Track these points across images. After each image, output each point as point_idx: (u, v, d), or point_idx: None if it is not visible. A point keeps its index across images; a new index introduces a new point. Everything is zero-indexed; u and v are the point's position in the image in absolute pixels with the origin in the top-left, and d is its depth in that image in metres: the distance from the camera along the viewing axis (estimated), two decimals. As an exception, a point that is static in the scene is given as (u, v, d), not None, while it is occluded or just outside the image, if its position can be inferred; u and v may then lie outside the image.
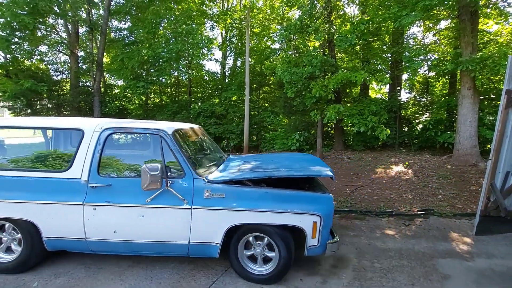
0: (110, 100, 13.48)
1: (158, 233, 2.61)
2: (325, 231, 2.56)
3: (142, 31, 12.15)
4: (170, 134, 2.72)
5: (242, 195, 2.58)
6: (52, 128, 3.12)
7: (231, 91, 13.40)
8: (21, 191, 2.63)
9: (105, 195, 2.60)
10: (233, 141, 12.23)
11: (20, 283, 2.46)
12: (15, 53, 10.50)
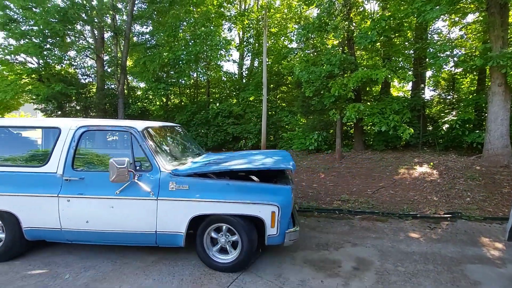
0: (133, 101, 14.01)
1: (127, 223, 2.77)
2: (284, 221, 2.65)
3: (162, 35, 12.52)
4: (140, 131, 2.90)
5: (204, 187, 2.73)
6: (32, 127, 3.34)
7: (248, 91, 13.47)
8: (2, 184, 2.85)
9: (78, 187, 2.79)
10: (250, 141, 12.30)
11: (54, 274, 2.62)
12: (47, 58, 11.20)
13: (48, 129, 3.13)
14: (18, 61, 11.28)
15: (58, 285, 2.44)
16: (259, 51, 15.19)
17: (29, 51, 10.02)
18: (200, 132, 13.10)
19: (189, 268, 2.77)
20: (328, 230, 3.77)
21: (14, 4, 10.07)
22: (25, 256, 2.94)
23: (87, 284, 2.47)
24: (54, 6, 10.09)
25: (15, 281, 2.47)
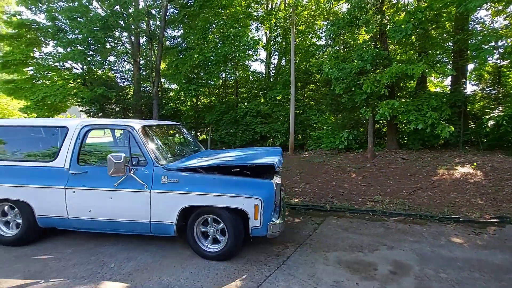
0: (166, 102, 14.69)
1: (124, 213, 3.03)
2: (267, 214, 2.80)
3: (193, 37, 12.95)
4: (137, 129, 3.16)
5: (193, 181, 2.94)
6: (45, 126, 3.66)
7: (276, 90, 13.46)
8: (19, 177, 3.22)
9: (82, 180, 3.11)
10: (278, 140, 12.29)
11: (101, 263, 2.86)
12: (90, 64, 12.15)
13: (58, 128, 3.45)
14: (65, 67, 12.38)
15: (105, 273, 2.66)
16: (286, 50, 15.09)
17: (75, 58, 10.96)
18: (229, 132, 13.36)
19: (224, 263, 2.86)
20: (362, 232, 3.68)
21: (62, 15, 11.05)
22: (73, 246, 3.24)
23: (130, 273, 2.66)
24: (96, 15, 10.91)
25: (68, 268, 2.74)
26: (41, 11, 11.72)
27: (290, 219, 4.17)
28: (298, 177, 6.70)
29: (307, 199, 4.98)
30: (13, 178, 3.22)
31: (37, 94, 11.29)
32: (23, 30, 11.44)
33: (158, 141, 3.57)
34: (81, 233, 3.42)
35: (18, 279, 2.52)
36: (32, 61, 11.89)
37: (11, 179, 3.21)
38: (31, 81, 12.17)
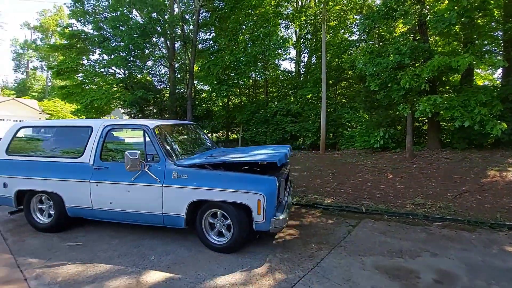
0: (199, 103, 15.25)
1: (140, 205, 3.27)
2: (269, 209, 2.88)
3: (224, 39, 13.25)
4: (151, 128, 3.40)
5: (200, 177, 3.10)
6: (74, 126, 4.03)
7: (306, 88, 13.26)
8: (53, 171, 3.57)
9: (104, 175, 3.39)
10: (309, 139, 12.10)
11: (142, 255, 3.05)
12: (131, 69, 13.05)
13: (84, 127, 3.78)
14: (109, 73, 13.45)
15: (146, 264, 2.84)
16: (317, 47, 14.78)
17: (118, 63, 11.85)
18: (259, 131, 13.45)
19: (257, 261, 2.90)
20: (401, 236, 3.48)
21: (107, 25, 12.00)
22: (118, 238, 3.50)
23: (169, 266, 2.81)
24: (136, 23, 11.68)
25: (114, 258, 2.97)
26: (88, 22, 12.87)
27: (323, 220, 4.09)
28: (331, 177, 6.54)
29: (341, 200, 4.84)
30: (48, 172, 3.59)
31: (86, 98, 12.43)
32: (74, 40, 12.65)
33: (171, 139, 3.80)
34: (124, 226, 3.70)
35: (72, 266, 2.80)
36: (81, 68, 13.13)
37: (46, 173, 3.59)
38: (81, 86, 13.44)
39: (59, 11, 47.44)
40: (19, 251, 3.10)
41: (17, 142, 3.99)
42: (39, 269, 2.70)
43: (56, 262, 2.85)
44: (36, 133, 4.26)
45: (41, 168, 3.65)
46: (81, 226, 3.80)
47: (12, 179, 3.73)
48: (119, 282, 2.48)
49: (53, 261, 2.87)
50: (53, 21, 46.11)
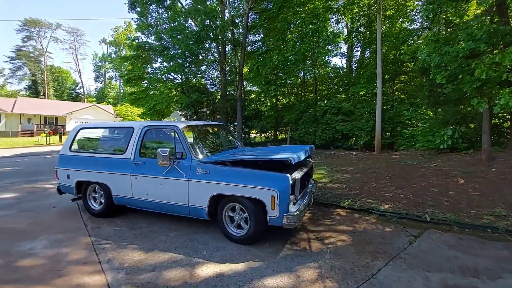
0: (248, 104, 15.62)
1: (170, 197, 3.66)
2: (283, 205, 3.00)
3: (272, 39, 13.31)
4: (180, 128, 3.74)
5: (220, 172, 3.37)
6: (120, 127, 4.81)
7: (359, 85, 12.47)
8: (103, 165, 4.17)
9: (141, 169, 3.88)
10: (362, 139, 11.36)
11: (195, 249, 3.22)
12: (187, 74, 14.07)
13: (128, 128, 4.35)
14: (169, 79, 14.72)
15: (199, 258, 2.99)
16: (371, 40, 13.78)
17: (176, 70, 12.90)
18: (308, 131, 13.15)
19: (306, 266, 2.81)
20: (477, 252, 3.00)
21: (166, 35, 13.15)
22: (175, 231, 3.76)
23: (220, 262, 2.91)
24: (191, 31, 12.53)
25: (171, 250, 3.20)
26: (151, 34, 14.29)
27: (379, 227, 3.77)
28: (387, 180, 6.01)
29: (400, 206, 4.41)
30: (99, 166, 4.22)
31: (150, 102, 13.87)
32: (140, 51, 14.19)
33: (198, 138, 4.23)
34: (180, 220, 3.98)
35: (136, 254, 3.11)
36: (146, 76, 14.67)
37: (98, 167, 4.22)
38: (146, 92, 15.05)
39: (128, 26, 53.94)
40: (96, 236, 3.59)
41: (78, 141, 4.78)
42: (110, 253, 3.08)
43: (124, 249, 3.20)
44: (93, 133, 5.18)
45: (94, 163, 4.32)
46: (144, 218, 4.21)
47: (73, 172, 4.47)
48: (175, 273, 2.67)
49: (121, 248, 3.24)
50: (124, 36, 52.71)
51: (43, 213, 4.55)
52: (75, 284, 2.49)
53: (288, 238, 3.43)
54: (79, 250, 3.17)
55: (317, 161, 9.81)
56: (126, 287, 2.44)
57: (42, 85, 51.41)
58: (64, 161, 4.62)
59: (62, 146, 4.76)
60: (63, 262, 2.88)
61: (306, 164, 4.16)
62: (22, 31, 51.46)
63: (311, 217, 4.22)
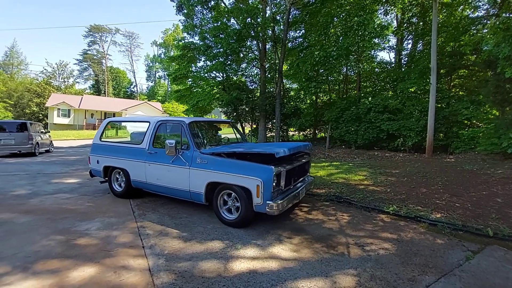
0: (287, 102, 15.45)
1: (175, 182, 4.20)
2: (267, 193, 3.36)
3: (314, 35, 12.90)
4: (187, 123, 4.25)
5: (216, 162, 3.82)
6: (140, 121, 5.34)
7: (409, 80, 11.48)
8: (124, 153, 4.88)
9: (153, 157, 4.47)
10: (411, 139, 10.45)
11: (230, 243, 3.25)
12: (228, 72, 14.42)
13: (145, 122, 4.93)
14: (211, 77, 15.25)
15: (233, 252, 3.02)
16: (424, 31, 12.55)
17: (217, 68, 13.29)
18: (349, 129, 12.54)
19: (344, 273, 2.66)
20: (554, 277, 2.53)
21: (209, 34, 13.62)
22: (212, 223, 3.86)
23: (253, 258, 2.90)
24: (233, 29, 12.78)
25: (207, 241, 3.29)
26: (196, 34, 14.92)
27: (429, 237, 3.41)
28: (440, 187, 5.42)
29: (455, 217, 3.93)
30: (121, 154, 4.94)
31: (193, 99, 14.56)
32: (186, 51, 14.93)
33: (201, 133, 4.68)
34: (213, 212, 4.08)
35: (176, 242, 3.27)
36: (190, 74, 15.38)
37: (120, 154, 4.94)
38: (190, 89, 15.81)
39: (176, 28, 57.51)
40: (141, 222, 3.87)
41: (106, 132, 5.64)
42: (153, 240, 3.29)
43: (165, 236, 3.39)
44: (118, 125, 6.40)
45: (118, 151, 5.05)
46: (185, 209, 4.42)
47: (102, 158, 5.22)
48: (210, 265, 2.74)
49: (163, 235, 3.44)
50: (172, 37, 56.38)
51: (99, 198, 5.07)
52: (121, 265, 2.70)
53: (326, 242, 3.30)
54: (126, 234, 3.44)
55: (358, 162, 9.29)
56: (165, 273, 2.57)
57: (103, 84, 57.73)
58: (95, 149, 5.36)
59: (94, 136, 5.50)
60: (112, 244, 3.15)
61: (298, 160, 4.44)
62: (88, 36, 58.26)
63: (350, 220, 4.00)
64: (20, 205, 4.51)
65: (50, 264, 2.67)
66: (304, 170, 4.74)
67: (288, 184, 3.92)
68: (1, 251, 2.89)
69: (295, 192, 3.91)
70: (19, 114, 38.53)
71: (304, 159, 4.62)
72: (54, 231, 3.48)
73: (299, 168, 4.37)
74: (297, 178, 4.35)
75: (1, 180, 6.41)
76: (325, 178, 6.65)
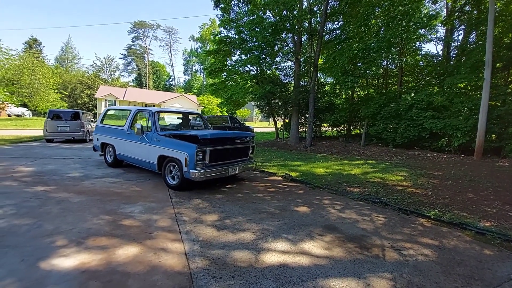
0: (321, 96, 15.04)
1: (141, 155, 5.78)
2: (191, 164, 4.66)
3: (353, 26, 12.30)
4: (153, 112, 5.80)
5: (164, 141, 5.24)
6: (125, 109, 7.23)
7: (458, 75, 10.50)
8: (113, 133, 6.69)
9: (130, 136, 6.10)
10: (457, 139, 9.61)
11: (262, 234, 3.32)
12: (262, 66, 14.40)
13: (128, 110, 6.64)
14: (245, 71, 15.36)
15: (264, 245, 3.08)
16: (478, 21, 11.30)
17: (252, 61, 13.34)
18: (387, 127, 11.88)
19: (379, 276, 2.58)
20: None
21: (245, 28, 13.67)
22: (244, 215, 3.96)
23: (284, 252, 2.94)
24: (268, 22, 12.69)
25: (239, 232, 3.39)
26: (232, 28, 15.07)
27: (475, 247, 3.15)
28: (491, 193, 4.94)
29: (507, 227, 3.57)
30: (111, 133, 6.77)
31: (227, 93, 14.82)
32: (221, 45, 15.19)
33: (163, 120, 6.63)
34: (250, 205, 4.17)
35: (209, 230, 3.42)
36: (225, 68, 15.64)
37: (110, 134, 6.77)
38: (224, 83, 16.10)
39: (213, 23, 58.76)
40: (178, 209, 4.11)
41: (106, 116, 7.50)
42: (188, 226, 3.47)
43: (200, 224, 3.57)
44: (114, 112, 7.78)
45: (109, 131, 6.85)
46: (218, 199, 4.59)
47: (100, 136, 7.09)
48: (242, 255, 2.82)
49: (197, 222, 3.62)
50: (208, 32, 57.80)
51: (141, 184, 5.47)
52: (160, 247, 2.90)
53: (359, 243, 3.21)
54: (165, 219, 3.68)
55: (396, 161, 8.80)
56: (200, 258, 2.71)
57: (145, 77, 61.31)
58: (97, 130, 7.27)
59: (97, 120, 7.41)
60: (152, 227, 3.40)
61: (232, 144, 5.54)
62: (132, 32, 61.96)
63: (386, 222, 3.84)
64: (74, 186, 5.05)
65: (100, 241, 2.96)
66: (242, 154, 5.79)
67: (215, 161, 5.03)
68: (60, 226, 3.28)
69: (222, 168, 5.08)
70: (72, 104, 42.64)
71: (243, 145, 5.78)
72: (103, 211, 3.84)
73: (233, 151, 5.50)
74: (231, 158, 5.45)
75: (60, 163, 7.20)
76: (359, 176, 6.42)
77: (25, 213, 3.61)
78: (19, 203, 3.99)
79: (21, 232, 3.05)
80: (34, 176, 5.67)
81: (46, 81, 28.31)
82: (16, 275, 2.27)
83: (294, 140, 14.01)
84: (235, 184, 5.81)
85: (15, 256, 2.56)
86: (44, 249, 2.71)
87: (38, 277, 2.26)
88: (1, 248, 2.68)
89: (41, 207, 3.88)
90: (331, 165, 8.14)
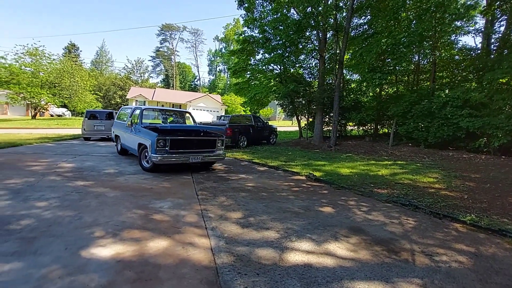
0: (347, 94, 14.63)
1: (131, 143, 7.39)
2: (152, 149, 5.96)
3: (381, 21, 11.81)
4: (142, 109, 7.65)
5: (142, 131, 6.66)
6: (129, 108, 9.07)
7: (500, 70, 9.68)
8: (121, 127, 8.53)
9: (127, 129, 7.70)
10: (498, 140, 8.89)
11: (286, 234, 3.33)
12: (286, 64, 14.32)
13: (131, 108, 8.43)
14: (269, 70, 15.38)
15: (287, 244, 3.10)
16: (528, 8, 10.29)
17: (275, 60, 13.32)
18: (418, 126, 11.29)
19: (407, 281, 2.49)
20: None
21: (269, 27, 13.68)
22: (268, 213, 4.00)
23: (308, 252, 2.93)
24: (292, 20, 12.59)
25: (263, 230, 3.44)
26: (255, 27, 15.15)
27: None
28: (537, 198, 4.53)
29: (556, 235, 3.27)
30: (120, 127, 8.51)
31: (251, 92, 14.94)
32: (245, 45, 15.33)
33: (149, 115, 8.87)
34: (274, 205, 4.20)
35: (234, 227, 3.51)
36: (249, 67, 15.78)
37: (119, 127, 8.63)
38: (248, 82, 16.25)
39: (237, 23, 59.53)
40: (204, 205, 4.25)
41: (119, 114, 9.32)
42: (214, 223, 3.59)
43: (225, 221, 3.67)
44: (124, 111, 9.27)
45: (119, 126, 8.63)
46: (243, 198, 4.67)
47: (115, 130, 9.10)
48: (266, 252, 2.86)
49: (223, 219, 3.72)
50: (232, 32, 58.66)
51: (169, 180, 5.73)
52: (188, 241, 3.03)
53: (387, 246, 3.11)
54: (192, 215, 3.83)
55: (428, 162, 8.34)
56: (225, 254, 2.79)
57: (172, 78, 63.61)
58: (114, 125, 9.26)
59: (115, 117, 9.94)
60: (180, 222, 3.55)
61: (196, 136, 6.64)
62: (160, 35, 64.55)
63: (416, 225, 3.68)
64: (110, 182, 5.41)
65: (133, 234, 3.16)
66: (207, 145, 6.68)
67: (176, 148, 6.09)
68: (98, 218, 3.54)
69: (183, 155, 6.14)
70: (106, 105, 45.47)
71: (209, 137, 6.74)
72: (136, 206, 4.09)
73: (198, 142, 6.50)
74: (194, 148, 6.39)
75: (97, 160, 7.75)
76: (387, 177, 6.18)
77: (67, 206, 3.94)
78: (62, 196, 4.37)
79: (65, 223, 3.34)
80: (75, 171, 6.15)
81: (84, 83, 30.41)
82: (61, 262, 2.50)
83: (318, 139, 13.78)
84: (259, 183, 5.87)
85: (60, 244, 2.82)
86: (84, 239, 2.95)
87: (80, 265, 2.47)
88: (48, 237, 2.96)
89: (81, 200, 4.21)
90: (357, 165, 7.92)
